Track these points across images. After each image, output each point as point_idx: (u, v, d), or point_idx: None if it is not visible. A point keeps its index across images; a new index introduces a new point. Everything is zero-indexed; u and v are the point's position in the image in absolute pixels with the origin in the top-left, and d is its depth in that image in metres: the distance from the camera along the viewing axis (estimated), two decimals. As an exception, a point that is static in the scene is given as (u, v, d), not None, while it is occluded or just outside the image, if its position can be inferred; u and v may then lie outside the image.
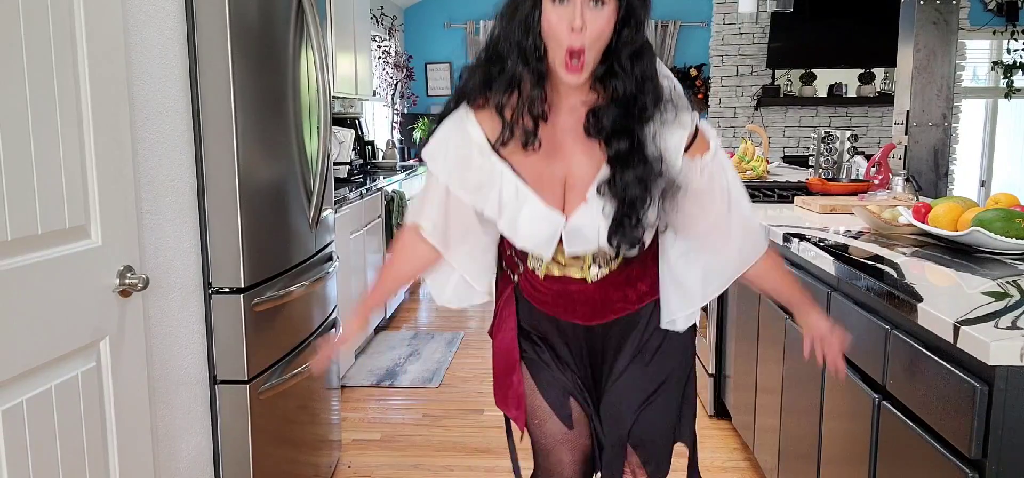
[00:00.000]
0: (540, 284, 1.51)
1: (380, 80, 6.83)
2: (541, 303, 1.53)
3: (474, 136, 1.39)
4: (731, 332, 3.00)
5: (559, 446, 1.60)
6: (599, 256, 1.45)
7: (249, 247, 2.01)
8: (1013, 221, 1.82)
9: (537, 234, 1.39)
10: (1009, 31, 6.94)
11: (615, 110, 1.32)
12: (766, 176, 4.08)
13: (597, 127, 1.34)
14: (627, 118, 1.32)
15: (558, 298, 1.50)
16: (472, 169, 1.38)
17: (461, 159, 1.39)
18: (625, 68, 1.30)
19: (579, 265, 1.46)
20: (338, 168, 4.52)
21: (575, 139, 1.37)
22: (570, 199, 1.39)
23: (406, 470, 2.89)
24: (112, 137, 1.51)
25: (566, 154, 1.38)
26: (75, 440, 1.44)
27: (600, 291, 1.48)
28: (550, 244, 1.40)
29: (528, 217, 1.38)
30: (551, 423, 1.58)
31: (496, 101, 1.35)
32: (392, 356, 4.16)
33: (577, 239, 1.39)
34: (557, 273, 1.48)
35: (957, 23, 2.88)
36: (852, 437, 1.77)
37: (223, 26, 1.88)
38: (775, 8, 5.69)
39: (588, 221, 1.37)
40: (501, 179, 1.38)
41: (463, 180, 1.40)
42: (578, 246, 1.40)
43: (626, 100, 1.31)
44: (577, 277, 1.47)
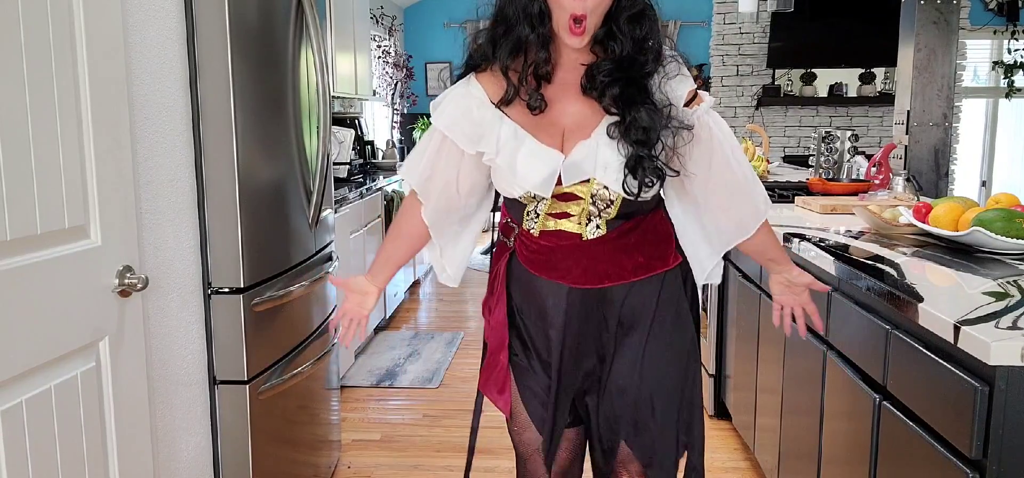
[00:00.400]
0: (535, 242, 1.50)
1: (380, 80, 6.83)
2: (535, 265, 1.51)
3: (474, 93, 1.46)
4: (731, 332, 3.00)
5: (536, 455, 1.61)
6: (595, 210, 1.45)
7: (249, 247, 2.00)
8: (1014, 221, 1.82)
9: (535, 172, 1.41)
10: (1009, 31, 6.94)
11: (608, 65, 1.38)
12: (767, 176, 4.08)
13: (590, 83, 1.40)
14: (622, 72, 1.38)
15: (553, 255, 1.49)
16: (471, 120, 1.45)
17: (462, 110, 1.45)
18: (623, 30, 1.36)
19: (577, 219, 1.46)
20: (338, 168, 4.52)
21: (574, 95, 1.44)
22: (569, 141, 1.43)
23: (406, 470, 2.88)
24: (112, 137, 1.51)
25: (564, 107, 1.44)
26: (74, 440, 1.44)
27: (595, 249, 1.47)
28: (549, 183, 1.42)
29: (526, 154, 1.42)
30: (530, 432, 1.59)
31: (502, 63, 1.41)
32: (392, 356, 4.16)
33: (573, 171, 1.42)
34: (552, 227, 1.47)
35: (957, 23, 2.88)
36: (852, 437, 1.77)
37: (223, 26, 1.88)
38: (775, 8, 5.69)
39: (585, 154, 1.41)
40: (500, 124, 1.44)
41: (462, 129, 1.45)
42: (574, 177, 1.42)
43: (622, 59, 1.37)
44: (573, 231, 1.47)
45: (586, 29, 1.33)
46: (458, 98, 1.47)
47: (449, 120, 1.46)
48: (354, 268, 3.90)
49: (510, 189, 1.46)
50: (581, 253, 1.47)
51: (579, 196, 1.44)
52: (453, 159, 1.49)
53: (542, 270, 1.51)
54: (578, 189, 1.43)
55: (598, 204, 1.44)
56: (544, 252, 1.49)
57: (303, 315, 2.37)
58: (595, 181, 1.42)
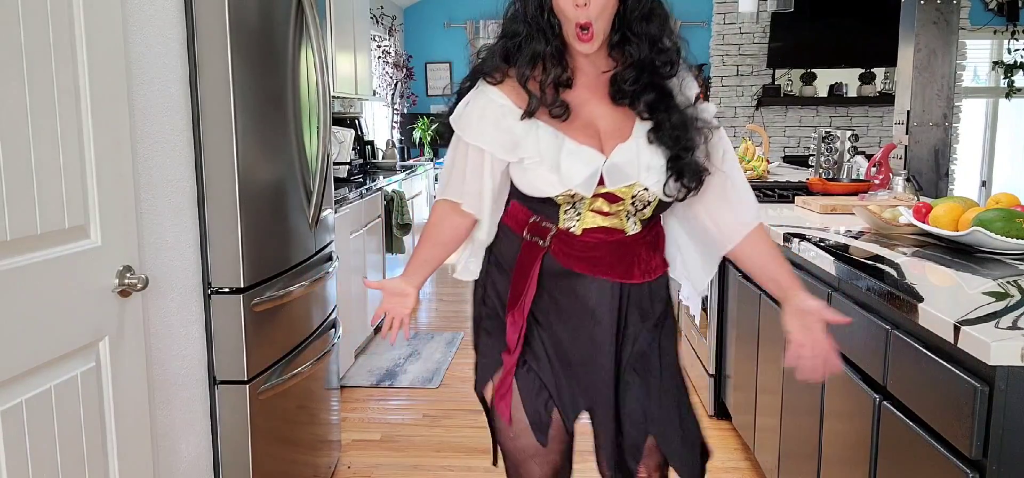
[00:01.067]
0: (578, 240, 1.48)
1: (380, 80, 6.83)
2: (578, 262, 1.49)
3: (498, 101, 1.45)
4: (731, 332, 3.00)
5: (529, 460, 1.60)
6: (634, 209, 1.47)
7: (249, 247, 2.00)
8: (1014, 221, 1.82)
9: (579, 172, 1.41)
10: (1010, 31, 6.94)
11: (633, 73, 1.40)
12: (766, 176, 4.08)
13: (620, 92, 1.43)
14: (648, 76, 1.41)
15: (597, 250, 1.48)
16: (502, 128, 1.44)
17: (493, 120, 1.44)
18: (637, 33, 1.38)
19: (619, 216, 1.47)
20: (338, 168, 4.52)
21: (600, 97, 1.46)
22: (607, 143, 1.44)
23: (406, 470, 2.88)
24: (112, 137, 1.51)
25: (594, 110, 1.45)
26: (74, 441, 1.44)
27: (635, 246, 1.50)
28: (592, 182, 1.42)
29: (569, 154, 1.41)
30: (525, 438, 1.58)
31: (520, 75, 1.42)
32: (392, 356, 4.16)
33: (617, 174, 1.43)
34: (598, 224, 1.47)
35: (957, 23, 2.87)
36: (852, 437, 1.77)
37: (223, 26, 1.88)
38: (775, 8, 5.69)
39: (628, 158, 1.43)
40: (537, 129, 1.43)
41: (495, 139, 1.45)
42: (619, 181, 1.43)
43: (642, 63, 1.40)
44: (617, 227, 1.48)
45: (594, 35, 1.35)
46: (483, 109, 1.46)
47: (478, 133, 1.46)
48: (354, 268, 3.90)
49: (549, 188, 1.44)
50: (624, 249, 1.49)
51: (621, 197, 1.45)
52: (490, 167, 1.49)
53: (586, 267, 1.49)
54: (621, 190, 1.44)
55: (637, 204, 1.47)
56: (589, 249, 1.49)
57: (303, 315, 2.37)
58: (638, 184, 1.44)
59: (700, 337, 3.40)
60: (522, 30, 1.41)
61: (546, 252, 1.50)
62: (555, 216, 1.48)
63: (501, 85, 1.46)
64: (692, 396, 1.65)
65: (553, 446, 1.59)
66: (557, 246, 1.49)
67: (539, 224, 1.50)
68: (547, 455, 1.59)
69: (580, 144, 1.43)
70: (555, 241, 1.49)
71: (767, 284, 1.57)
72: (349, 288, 3.76)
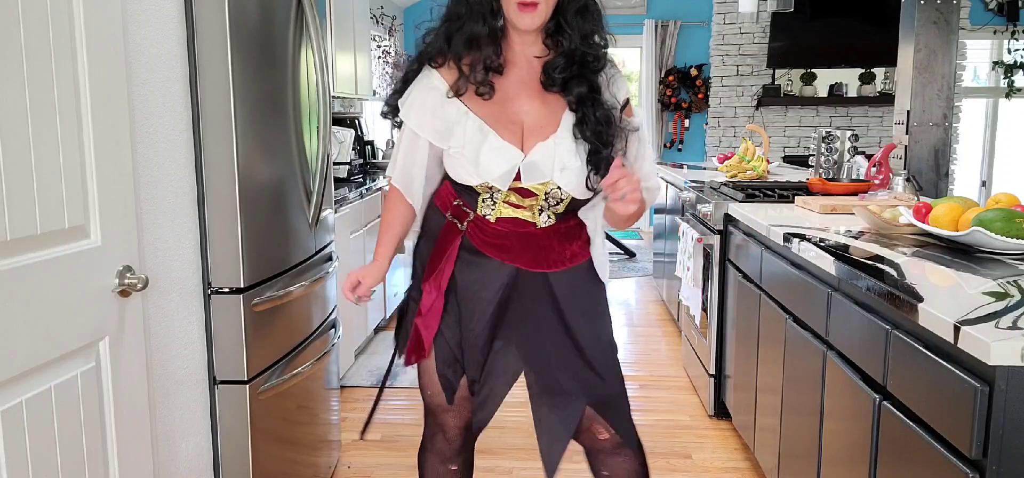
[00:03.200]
0: (490, 227, 1.62)
1: (380, 80, 6.83)
2: (490, 248, 1.63)
3: (437, 86, 1.58)
4: (731, 332, 3.00)
5: (442, 412, 1.77)
6: (547, 205, 1.60)
7: (249, 247, 2.00)
8: (1014, 221, 1.82)
9: (497, 166, 1.54)
10: (1010, 31, 6.94)
11: (563, 60, 1.52)
12: (766, 176, 4.08)
13: (551, 79, 1.54)
14: (579, 68, 1.52)
15: (509, 239, 1.62)
16: (438, 115, 1.57)
17: (429, 107, 1.58)
18: (571, 24, 1.49)
19: (531, 210, 1.60)
20: (338, 168, 4.52)
21: (531, 92, 1.57)
22: (528, 140, 1.56)
23: (406, 470, 2.88)
24: (112, 137, 1.51)
25: (522, 103, 1.57)
26: (74, 441, 1.44)
27: (545, 238, 1.63)
28: (508, 177, 1.55)
29: (489, 149, 1.54)
30: (438, 397, 1.74)
31: (455, 54, 1.54)
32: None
33: (533, 172, 1.55)
34: (509, 214, 1.61)
35: (957, 23, 2.87)
36: (852, 437, 1.77)
37: (223, 26, 1.88)
38: (775, 8, 5.68)
39: (544, 156, 1.54)
40: (465, 119, 1.56)
41: (432, 126, 1.58)
42: (534, 178, 1.56)
43: (572, 53, 1.51)
44: (528, 219, 1.61)
45: (537, 7, 1.45)
46: (422, 93, 1.59)
47: (418, 119, 1.60)
48: (354, 268, 3.89)
49: (469, 178, 1.58)
50: (533, 240, 1.62)
51: (534, 193, 1.58)
52: (424, 151, 1.64)
53: (495, 252, 1.64)
54: (535, 187, 1.57)
55: (550, 200, 1.60)
56: (499, 236, 1.63)
57: (303, 315, 2.37)
58: (552, 182, 1.56)
59: (700, 337, 3.40)
60: (464, 12, 1.51)
61: (463, 234, 1.65)
62: (474, 202, 1.63)
63: (442, 68, 1.58)
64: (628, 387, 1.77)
65: (462, 404, 1.75)
66: (472, 230, 1.64)
67: (460, 207, 1.65)
68: (458, 410, 1.76)
69: (503, 140, 1.54)
70: (471, 225, 1.64)
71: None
72: (349, 288, 3.75)
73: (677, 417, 3.32)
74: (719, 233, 3.12)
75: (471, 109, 1.56)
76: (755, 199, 3.12)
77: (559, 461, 1.72)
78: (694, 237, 3.39)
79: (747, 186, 3.46)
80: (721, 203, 3.10)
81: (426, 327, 1.68)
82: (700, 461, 2.90)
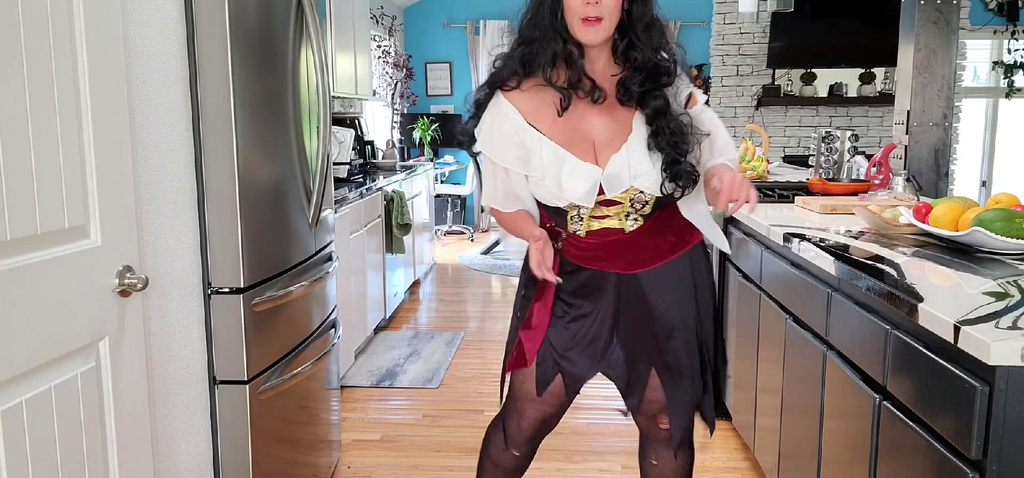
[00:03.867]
0: (583, 242, 1.70)
1: (380, 80, 6.83)
2: (586, 261, 1.72)
3: (511, 116, 1.62)
4: (731, 332, 3.00)
5: (526, 400, 1.85)
6: (632, 209, 1.66)
7: (249, 247, 2.00)
8: (1014, 221, 1.82)
9: (579, 185, 1.60)
10: (1010, 31, 6.94)
11: (639, 76, 1.57)
12: (766, 176, 4.08)
13: (627, 93, 1.59)
14: (653, 82, 1.58)
15: (602, 249, 1.69)
16: (515, 142, 1.62)
17: (505, 137, 1.62)
18: (641, 39, 1.55)
19: (617, 217, 1.66)
20: (338, 168, 4.52)
21: (598, 108, 1.62)
22: (602, 154, 1.61)
23: (406, 470, 2.88)
24: (112, 137, 1.51)
25: (591, 119, 1.62)
26: (74, 441, 1.44)
27: (637, 240, 1.69)
28: (591, 194, 1.61)
29: (569, 171, 1.60)
30: (529, 385, 1.82)
31: (544, 74, 1.58)
32: (392, 356, 4.16)
33: (613, 183, 1.61)
34: (597, 227, 1.67)
35: (957, 23, 2.87)
36: (852, 437, 1.77)
37: (223, 26, 1.88)
38: (775, 8, 5.69)
39: (620, 167, 1.60)
40: (540, 146, 1.61)
41: (513, 154, 1.63)
42: (615, 189, 1.61)
43: (646, 67, 1.57)
44: (616, 227, 1.67)
45: (600, 22, 1.51)
46: (497, 125, 1.63)
47: (497, 150, 1.64)
48: (354, 268, 3.90)
49: (554, 201, 1.64)
50: (626, 245, 1.68)
51: (619, 201, 1.64)
52: (516, 176, 1.67)
53: (592, 263, 1.72)
54: (619, 196, 1.63)
55: (635, 205, 1.65)
56: (593, 248, 1.70)
57: (303, 315, 2.37)
58: (632, 188, 1.61)
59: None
60: (537, 35, 1.56)
61: (559, 253, 1.74)
62: (564, 221, 1.70)
63: (515, 92, 1.62)
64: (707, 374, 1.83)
65: (548, 399, 1.82)
66: (567, 247, 1.73)
67: (553, 228, 1.73)
68: (541, 404, 1.83)
69: (579, 160, 1.60)
70: (566, 243, 1.73)
71: None
72: (349, 288, 3.76)
73: (677, 417, 3.32)
74: (719, 233, 3.12)
75: (544, 133, 1.61)
76: (755, 199, 3.12)
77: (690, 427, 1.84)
78: (694, 237, 3.39)
79: (747, 186, 3.45)
80: (721, 203, 3.10)
81: (530, 340, 1.78)
82: (700, 461, 2.89)
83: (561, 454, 2.94)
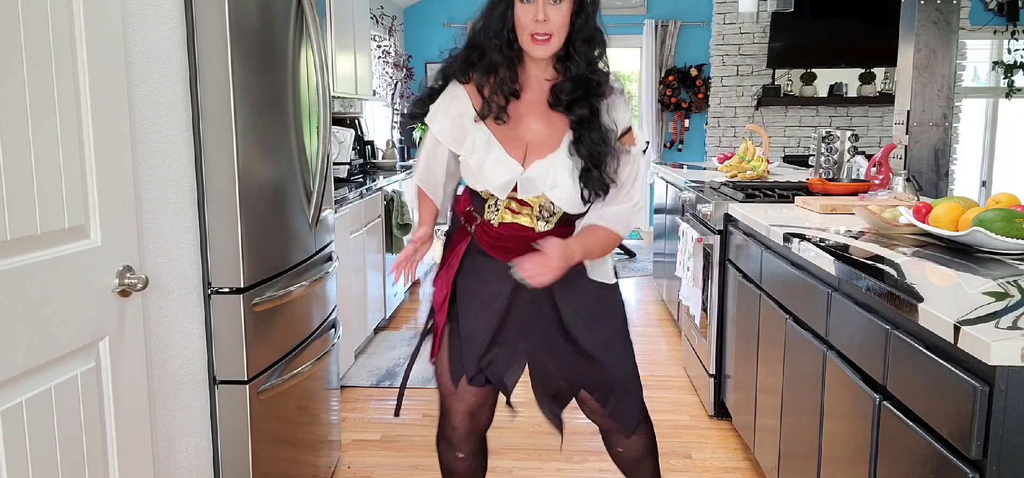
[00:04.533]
0: (495, 231, 1.80)
1: (380, 80, 6.83)
2: (493, 248, 1.82)
3: (461, 99, 1.77)
4: (731, 332, 3.00)
5: (449, 396, 1.93)
6: (544, 213, 1.78)
7: (249, 247, 2.00)
8: (1014, 221, 1.82)
9: (498, 176, 1.73)
10: (1010, 31, 6.94)
11: (570, 85, 1.70)
12: (766, 176, 4.08)
13: (556, 100, 1.72)
14: (584, 92, 1.70)
15: (509, 241, 1.79)
16: (458, 124, 1.76)
17: (452, 116, 1.77)
18: (579, 51, 1.68)
19: (529, 216, 1.78)
20: (338, 168, 4.52)
21: (538, 112, 1.75)
22: (529, 156, 1.74)
23: (406, 470, 2.88)
24: (112, 137, 1.51)
25: (529, 122, 1.75)
26: (74, 441, 1.44)
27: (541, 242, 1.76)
28: (506, 188, 1.74)
29: (493, 161, 1.73)
30: (445, 377, 1.92)
31: (477, 81, 1.74)
32: (392, 356, 4.16)
33: (528, 186, 1.73)
34: (510, 219, 1.79)
35: (957, 23, 2.87)
36: (852, 437, 1.77)
37: (223, 26, 1.88)
38: (775, 8, 5.69)
39: (540, 173, 1.72)
40: (477, 131, 1.75)
41: (451, 133, 1.77)
42: (529, 192, 1.74)
43: (578, 78, 1.69)
44: (527, 224, 1.78)
45: (550, 40, 1.65)
46: (448, 105, 1.77)
47: (440, 126, 1.78)
48: (354, 268, 3.90)
49: (475, 183, 1.78)
50: (531, 244, 1.74)
51: (530, 203, 1.77)
52: (444, 154, 1.83)
53: (499, 253, 1.81)
54: (530, 198, 1.76)
55: (544, 212, 1.78)
56: (502, 239, 1.80)
57: (303, 315, 2.37)
58: (544, 196, 1.74)
59: (700, 337, 3.40)
60: (482, 41, 1.71)
61: (471, 236, 1.84)
62: (482, 208, 1.81)
63: (470, 85, 1.76)
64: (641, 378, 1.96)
65: (465, 389, 1.90)
66: (479, 232, 1.84)
67: (471, 212, 1.85)
68: (462, 396, 1.91)
69: (506, 155, 1.73)
70: (479, 228, 1.83)
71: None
72: (349, 288, 3.76)
73: (677, 417, 3.32)
74: (719, 233, 3.12)
75: (485, 123, 1.75)
76: (755, 199, 3.12)
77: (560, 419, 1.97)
78: (694, 237, 3.39)
79: (747, 186, 3.46)
80: (721, 203, 3.10)
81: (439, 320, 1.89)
82: (700, 461, 2.90)
83: (561, 454, 2.95)
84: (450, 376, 1.91)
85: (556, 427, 1.98)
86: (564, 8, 1.64)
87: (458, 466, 2.01)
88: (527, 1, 1.64)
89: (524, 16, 1.64)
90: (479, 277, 1.85)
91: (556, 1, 1.63)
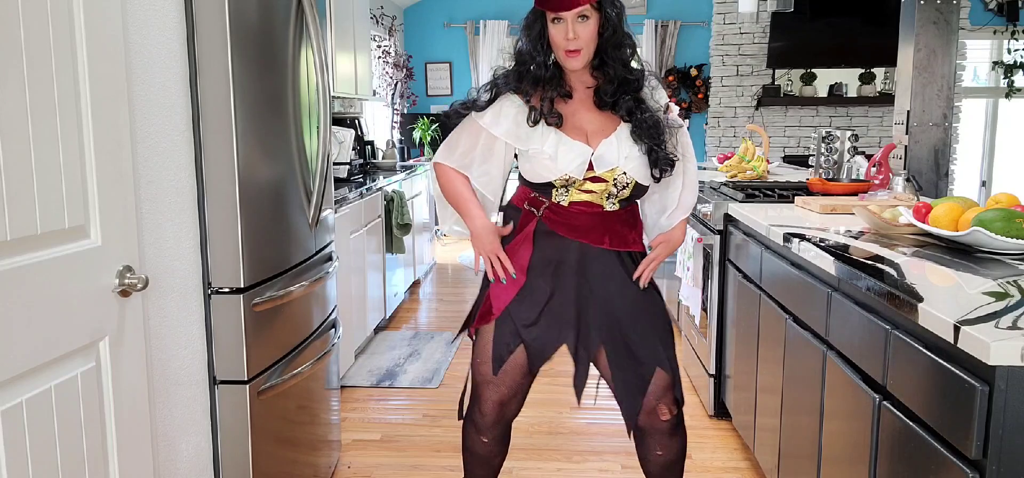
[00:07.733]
0: (564, 210, 1.94)
1: (380, 80, 6.83)
2: (563, 227, 1.94)
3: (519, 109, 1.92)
4: (731, 332, 3.00)
5: (484, 385, 2.02)
6: (617, 187, 1.92)
7: (249, 247, 2.00)
8: (1013, 221, 1.82)
9: (572, 160, 1.89)
10: (1009, 31, 6.94)
11: (611, 87, 1.90)
12: (766, 176, 4.08)
13: (602, 101, 1.92)
14: (625, 89, 1.90)
15: (579, 218, 1.93)
16: (520, 126, 1.92)
17: (512, 116, 1.93)
18: (612, 56, 1.87)
19: (600, 195, 1.92)
20: (338, 168, 4.52)
21: (588, 108, 1.94)
22: (593, 140, 1.91)
23: (406, 470, 2.88)
24: (112, 137, 1.51)
25: (583, 116, 1.93)
26: (75, 441, 1.44)
27: (611, 220, 1.95)
28: (582, 168, 1.89)
29: (565, 149, 1.89)
30: (486, 366, 2.00)
31: (524, 94, 1.92)
32: (392, 356, 4.16)
33: (602, 162, 1.90)
34: (580, 198, 1.92)
35: (957, 23, 2.87)
36: (852, 437, 1.77)
37: (223, 26, 1.88)
38: (775, 8, 5.68)
39: (610, 149, 1.89)
40: (541, 129, 1.91)
41: (513, 132, 1.93)
42: (603, 167, 1.90)
43: (617, 78, 1.89)
44: (597, 202, 1.93)
45: (580, 53, 1.83)
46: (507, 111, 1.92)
47: (505, 129, 1.93)
48: (354, 268, 3.90)
49: (548, 174, 1.90)
50: (601, 221, 1.94)
51: (604, 179, 1.91)
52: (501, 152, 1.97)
53: (568, 231, 1.94)
54: (605, 174, 1.90)
55: (617, 186, 1.92)
56: (572, 217, 1.93)
57: (303, 315, 2.37)
58: (618, 169, 1.89)
59: (700, 337, 3.40)
60: (527, 58, 1.89)
61: (538, 219, 1.96)
62: (549, 194, 1.94)
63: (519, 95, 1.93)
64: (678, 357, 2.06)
65: (503, 380, 1.99)
66: (548, 214, 1.96)
67: (536, 198, 1.97)
68: (497, 385, 2.00)
69: (573, 140, 1.90)
70: (547, 211, 1.95)
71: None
72: (349, 288, 3.76)
73: (677, 417, 3.32)
74: (719, 233, 3.12)
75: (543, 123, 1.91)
76: (755, 199, 3.12)
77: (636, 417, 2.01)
78: (694, 237, 3.39)
79: (747, 186, 3.46)
80: (721, 203, 3.10)
81: (497, 297, 1.96)
82: (700, 461, 2.90)
83: (561, 454, 2.95)
84: (492, 363, 1.98)
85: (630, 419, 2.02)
86: (591, 23, 1.82)
87: (482, 449, 2.10)
88: (558, 22, 1.82)
89: (557, 35, 1.83)
90: (547, 253, 1.96)
91: (583, 18, 1.81)
